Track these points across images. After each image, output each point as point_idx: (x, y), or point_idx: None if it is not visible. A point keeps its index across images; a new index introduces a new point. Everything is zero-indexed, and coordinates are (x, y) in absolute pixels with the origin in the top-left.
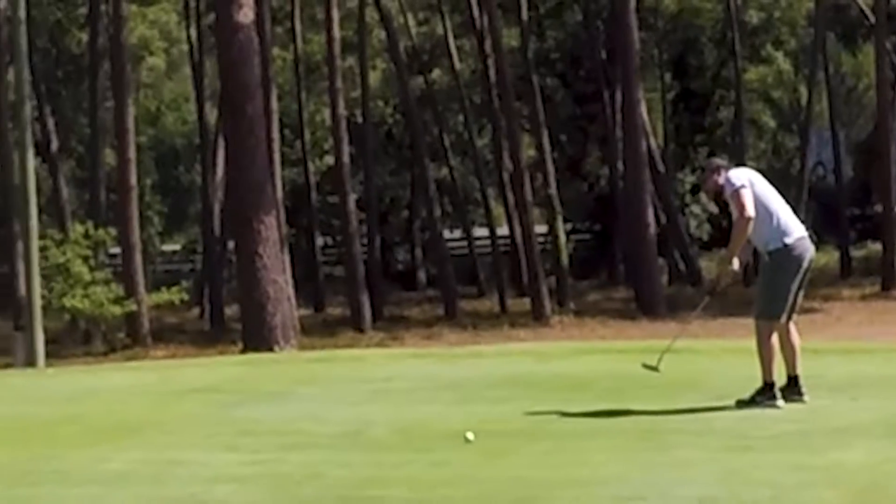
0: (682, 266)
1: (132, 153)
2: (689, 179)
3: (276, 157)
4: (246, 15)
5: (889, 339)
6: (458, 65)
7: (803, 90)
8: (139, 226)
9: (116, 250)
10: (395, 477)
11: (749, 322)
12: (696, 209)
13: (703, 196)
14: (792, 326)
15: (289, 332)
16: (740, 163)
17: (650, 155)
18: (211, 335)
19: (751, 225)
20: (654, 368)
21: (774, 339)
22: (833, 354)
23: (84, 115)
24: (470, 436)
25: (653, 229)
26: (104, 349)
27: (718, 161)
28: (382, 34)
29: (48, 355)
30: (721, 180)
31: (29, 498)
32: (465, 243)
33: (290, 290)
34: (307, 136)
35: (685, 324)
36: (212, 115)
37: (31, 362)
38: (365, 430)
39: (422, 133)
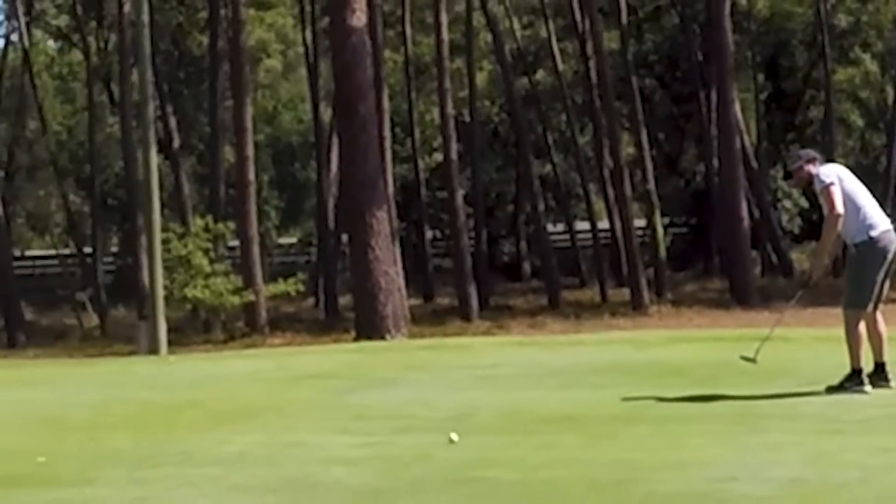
0: (774, 258)
1: (250, 150)
2: (781, 175)
3: (388, 154)
4: (359, 19)
5: None
6: (560, 66)
7: (890, 90)
8: (257, 220)
9: (235, 243)
10: (501, 459)
11: (838, 312)
12: (787, 204)
13: (793, 190)
14: (879, 315)
15: (399, 321)
16: (830, 159)
17: (744, 152)
18: (325, 324)
19: (840, 221)
20: (752, 360)
21: (862, 327)
22: None
23: (204, 114)
24: (454, 437)
25: (746, 223)
26: (223, 337)
27: (813, 153)
28: (489, 37)
29: (170, 343)
30: (814, 171)
31: (152, 479)
32: (567, 236)
33: (401, 281)
34: (417, 134)
35: (779, 315)
36: (326, 114)
37: (154, 350)
38: (472, 414)
39: (526, 131)
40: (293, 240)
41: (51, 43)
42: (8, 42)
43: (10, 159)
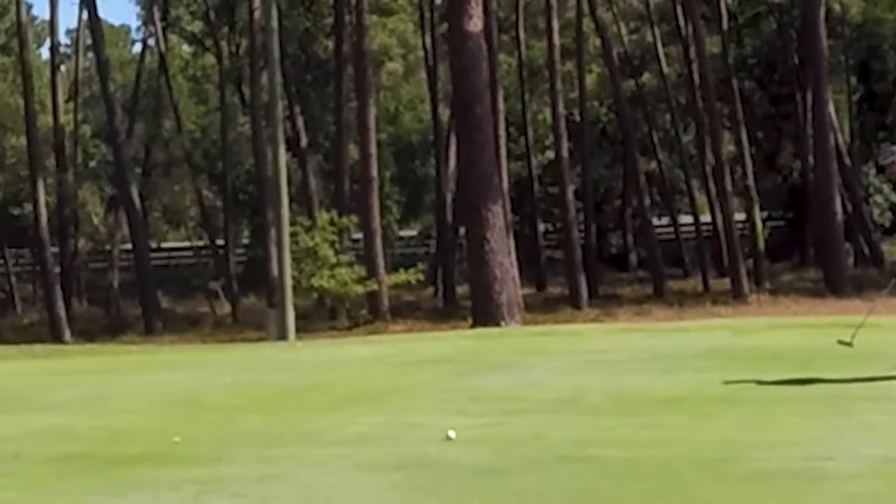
0: (866, 250)
1: (373, 148)
2: (873, 172)
3: (503, 151)
4: (475, 24)
5: None
6: (665, 69)
7: None
8: (379, 213)
9: (359, 236)
10: (609, 438)
11: None
12: (879, 199)
13: (884, 186)
14: None
15: (513, 309)
16: None
17: (837, 150)
18: (443, 312)
19: None
20: (849, 344)
21: None
22: None
23: (330, 115)
24: (452, 434)
25: (840, 217)
26: (348, 324)
27: None
28: (598, 42)
29: (298, 330)
30: None
31: (281, 458)
32: (671, 229)
33: (515, 272)
34: (530, 133)
35: (871, 303)
36: (444, 114)
37: (282, 336)
38: (581, 396)
39: (633, 130)
40: (413, 232)
41: (185, 47)
42: (145, 47)
43: (147, 157)
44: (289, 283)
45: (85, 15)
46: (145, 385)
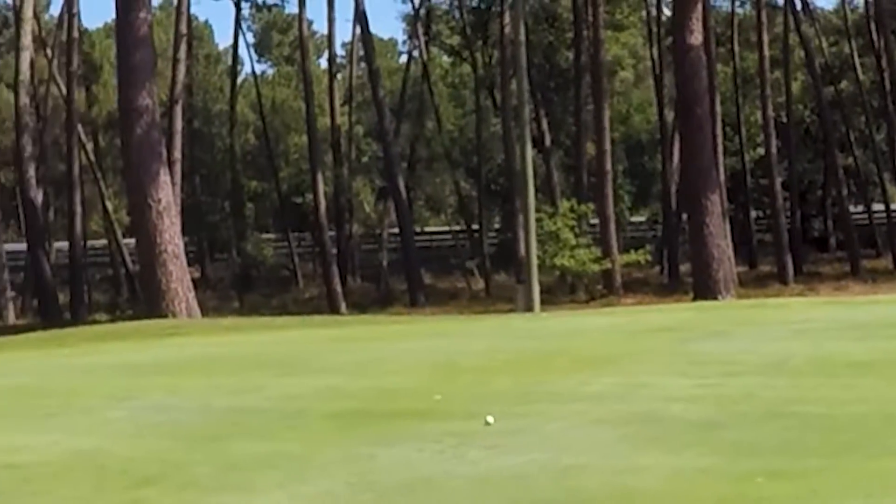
0: None
1: (608, 145)
2: None
3: (720, 148)
4: (696, 38)
5: None
6: (861, 77)
7: None
8: (613, 202)
9: (595, 221)
10: (811, 397)
11: None
12: None
13: None
14: None
15: (729, 284)
16: None
17: None
18: (668, 287)
19: None
20: None
21: None
22: None
23: (570, 116)
24: (490, 419)
25: None
26: (586, 298)
27: None
28: (802, 53)
29: (542, 303)
30: None
31: (528, 413)
32: (865, 216)
33: (730, 252)
34: (743, 132)
35: None
36: (669, 116)
37: (529, 308)
38: (787, 360)
39: (832, 130)
40: (642, 218)
41: (445, 58)
42: (410, 58)
43: (412, 153)
44: (534, 262)
45: (358, 30)
46: (410, 350)
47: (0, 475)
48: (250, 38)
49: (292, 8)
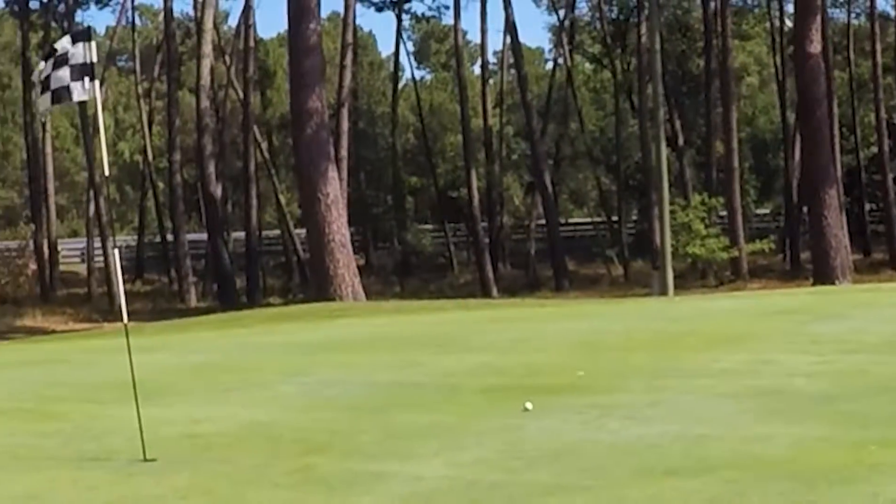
0: None
1: (735, 144)
2: None
3: (837, 147)
4: (815, 47)
5: None
6: None
7: None
8: (739, 195)
9: (724, 213)
10: None
11: None
12: None
13: None
14: None
15: (845, 270)
16: None
17: None
18: (790, 273)
19: None
20: None
21: None
22: None
23: (701, 118)
24: (529, 406)
25: None
26: (715, 283)
27: None
28: None
29: (675, 287)
30: None
31: (663, 388)
32: None
33: (846, 241)
34: (858, 132)
35: None
36: (790, 118)
37: (664, 292)
38: None
39: None
40: (766, 210)
41: (587, 65)
42: (556, 65)
43: (557, 151)
44: (668, 250)
45: (508, 40)
46: (556, 330)
47: (184, 444)
48: (410, 46)
49: (449, 19)
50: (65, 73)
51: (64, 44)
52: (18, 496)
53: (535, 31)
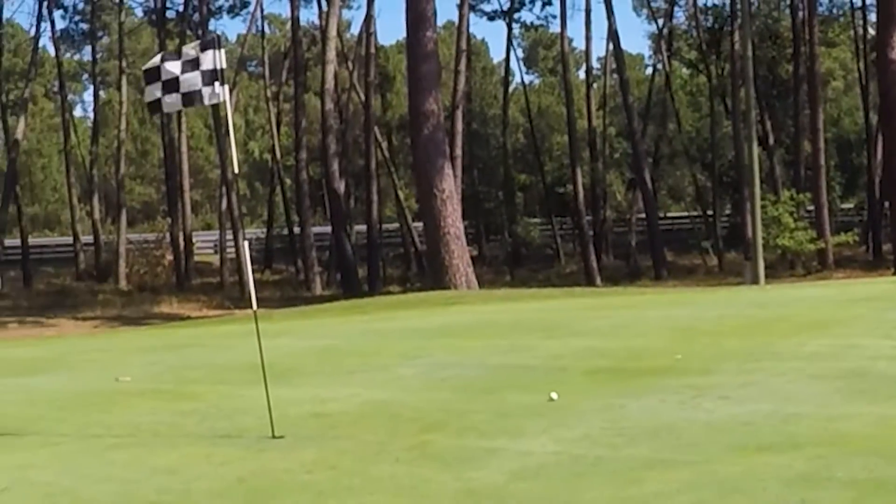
0: None
1: (821, 144)
2: None
3: None
4: None
5: None
6: None
7: None
8: (826, 191)
9: (811, 208)
10: None
11: None
12: None
13: None
14: None
15: None
16: None
17: None
18: (872, 264)
19: None
20: None
21: None
22: None
23: (790, 119)
24: (554, 396)
25: None
26: (803, 273)
27: None
28: None
29: (766, 277)
30: None
31: (754, 370)
32: None
33: None
34: None
35: None
36: (873, 119)
37: (755, 281)
38: None
39: None
40: (851, 205)
41: (684, 70)
42: (655, 70)
43: (656, 150)
44: (760, 242)
45: (611, 46)
46: (655, 317)
47: (311, 422)
48: (520, 53)
49: (556, 27)
50: (196, 77)
51: (191, 50)
52: (159, 470)
53: (636, 39)
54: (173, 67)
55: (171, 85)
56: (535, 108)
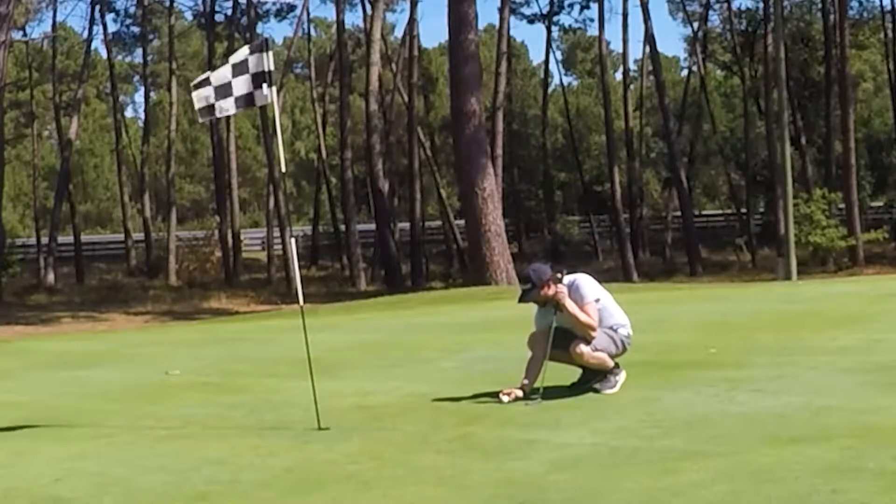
0: None
1: (852, 144)
2: None
3: None
4: None
5: None
6: None
7: None
8: (856, 190)
9: (842, 206)
10: None
11: None
12: None
13: None
14: None
15: None
16: None
17: None
18: None
19: None
20: None
21: None
22: None
23: (821, 120)
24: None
25: None
26: (834, 269)
27: None
28: None
29: (798, 273)
30: None
31: (786, 364)
32: None
33: None
34: None
35: None
36: None
37: (788, 277)
38: None
39: None
40: (880, 203)
41: (719, 72)
42: (690, 72)
43: (691, 150)
44: (792, 239)
45: (647, 49)
46: (689, 311)
47: (355, 414)
48: (559, 55)
49: (594, 30)
50: (246, 80)
51: (241, 55)
52: (209, 460)
53: (672, 42)
54: (225, 72)
55: (225, 90)
56: (573, 109)
